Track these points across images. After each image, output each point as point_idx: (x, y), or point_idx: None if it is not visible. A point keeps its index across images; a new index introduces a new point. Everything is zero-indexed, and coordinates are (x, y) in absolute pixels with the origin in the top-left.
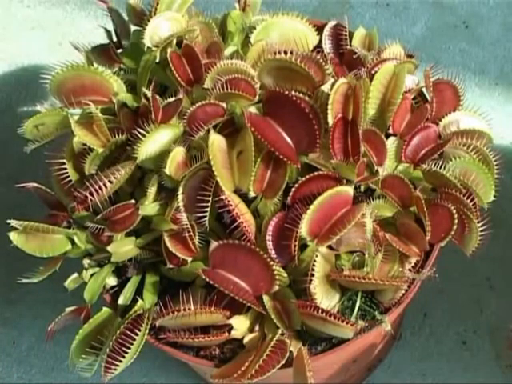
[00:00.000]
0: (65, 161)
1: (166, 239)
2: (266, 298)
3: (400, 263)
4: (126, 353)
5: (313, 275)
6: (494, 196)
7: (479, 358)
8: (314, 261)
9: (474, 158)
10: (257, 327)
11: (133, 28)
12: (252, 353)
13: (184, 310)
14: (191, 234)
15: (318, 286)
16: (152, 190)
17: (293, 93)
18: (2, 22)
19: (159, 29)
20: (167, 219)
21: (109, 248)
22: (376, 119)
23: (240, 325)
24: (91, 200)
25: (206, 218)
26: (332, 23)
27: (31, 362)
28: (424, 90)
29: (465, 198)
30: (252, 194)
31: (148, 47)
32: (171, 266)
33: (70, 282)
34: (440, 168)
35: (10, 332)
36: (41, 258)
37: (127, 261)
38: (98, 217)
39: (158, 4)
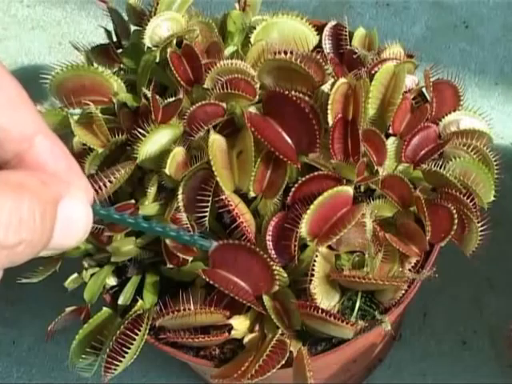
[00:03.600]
0: None
1: (167, 239)
2: (265, 298)
3: (400, 263)
4: (126, 353)
5: (313, 275)
6: (494, 196)
7: (479, 358)
8: (314, 261)
9: (474, 158)
10: (257, 327)
11: (133, 28)
12: (252, 353)
13: (184, 309)
14: (191, 233)
15: (318, 286)
16: (152, 190)
17: (293, 93)
18: (1, 22)
19: (159, 29)
20: (167, 219)
21: (109, 248)
22: (376, 119)
23: (240, 325)
24: None
25: (206, 218)
26: (332, 23)
27: (31, 362)
28: (424, 90)
29: (465, 198)
30: (252, 194)
31: (148, 47)
32: (171, 266)
33: (70, 282)
34: (440, 168)
35: (9, 332)
36: (40, 257)
37: (127, 261)
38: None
39: (158, 4)
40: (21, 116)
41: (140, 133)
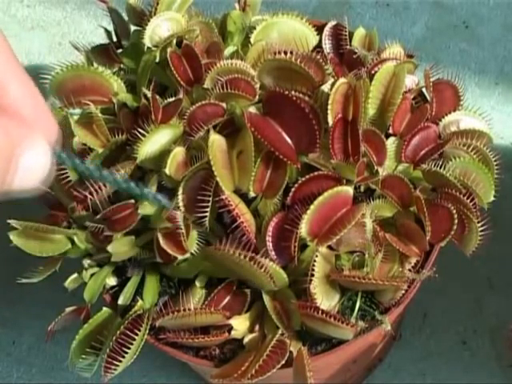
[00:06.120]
0: None
1: (159, 236)
2: (266, 297)
3: (400, 263)
4: (126, 353)
5: (313, 275)
6: (494, 196)
7: (479, 358)
8: (314, 261)
9: (473, 158)
10: (257, 327)
11: (133, 28)
12: (252, 353)
13: (184, 310)
14: (183, 231)
15: (318, 287)
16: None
17: (293, 93)
18: (1, 22)
19: (159, 29)
20: (163, 218)
21: (108, 248)
22: (376, 119)
23: (240, 325)
24: (91, 200)
25: (207, 218)
26: (332, 23)
27: (31, 362)
28: (424, 90)
29: (465, 198)
30: (252, 194)
31: (148, 47)
32: (161, 261)
33: (70, 282)
34: (440, 168)
35: (9, 332)
36: (41, 257)
37: (127, 260)
38: (98, 216)
39: (158, 4)
40: None
41: (140, 133)
